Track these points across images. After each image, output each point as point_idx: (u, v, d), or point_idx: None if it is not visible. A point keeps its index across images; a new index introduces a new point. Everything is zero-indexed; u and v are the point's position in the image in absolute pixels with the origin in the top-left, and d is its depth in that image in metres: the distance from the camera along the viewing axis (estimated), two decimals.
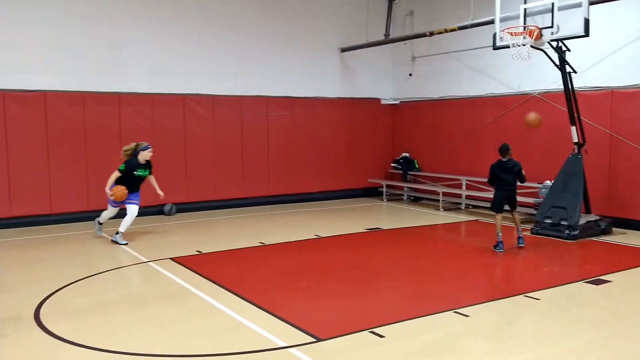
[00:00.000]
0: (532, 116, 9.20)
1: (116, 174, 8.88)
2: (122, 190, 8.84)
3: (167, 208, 11.90)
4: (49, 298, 6.15)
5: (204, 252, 8.43)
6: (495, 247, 8.42)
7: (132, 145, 9.18)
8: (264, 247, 8.84)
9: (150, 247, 8.77)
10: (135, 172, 9.01)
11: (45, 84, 10.71)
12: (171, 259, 7.91)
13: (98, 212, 10.80)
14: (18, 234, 9.95)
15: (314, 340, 4.88)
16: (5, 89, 10.34)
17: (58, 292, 6.39)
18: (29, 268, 7.58)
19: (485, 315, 5.61)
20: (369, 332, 5.04)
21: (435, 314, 5.56)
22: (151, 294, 6.39)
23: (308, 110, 13.79)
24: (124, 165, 8.94)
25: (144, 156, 9.13)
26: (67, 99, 10.91)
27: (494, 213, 8.51)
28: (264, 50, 13.15)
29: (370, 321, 5.33)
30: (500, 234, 8.40)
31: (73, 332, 5.09)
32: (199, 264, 7.59)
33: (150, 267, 7.55)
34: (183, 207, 12.18)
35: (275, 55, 13.30)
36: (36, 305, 5.86)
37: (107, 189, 8.85)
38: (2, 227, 10.25)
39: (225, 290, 6.38)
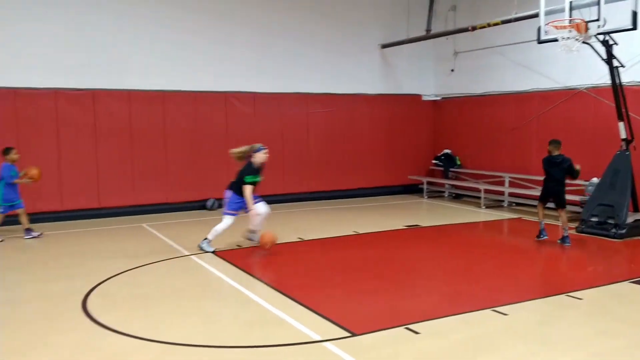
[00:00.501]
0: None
1: (249, 188, 7.99)
2: (270, 237, 7.97)
3: (209, 203, 12.15)
4: (96, 288, 6.40)
5: (244, 246, 8.58)
6: (537, 236, 8.64)
7: (245, 148, 8.34)
8: (302, 242, 8.93)
9: (193, 241, 8.97)
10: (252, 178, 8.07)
11: (95, 83, 11.12)
12: (212, 252, 8.10)
13: (144, 207, 11.23)
14: (68, 226, 10.36)
15: (349, 335, 4.92)
16: (58, 88, 10.79)
17: (105, 282, 6.64)
18: (77, 259, 7.90)
19: (524, 314, 5.53)
20: (405, 328, 5.05)
21: (473, 312, 5.51)
22: (193, 286, 6.57)
23: (348, 106, 13.81)
24: (249, 176, 8.04)
25: (259, 158, 8.22)
26: (114, 97, 11.29)
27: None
28: (305, 47, 13.25)
29: (406, 317, 5.33)
30: (542, 222, 8.61)
31: (118, 321, 5.29)
32: (239, 258, 7.75)
33: (192, 260, 7.75)
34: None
35: (315, 52, 13.38)
36: (84, 295, 6.12)
37: (250, 206, 8.00)
38: (53, 220, 10.70)
39: (264, 284, 6.50)
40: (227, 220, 8.18)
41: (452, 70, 14.32)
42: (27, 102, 10.55)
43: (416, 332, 4.96)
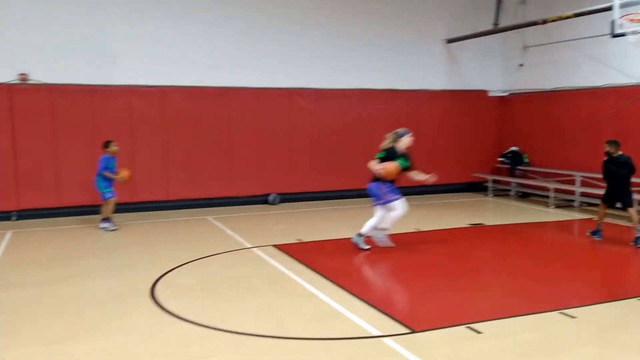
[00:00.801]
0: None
1: (375, 162, 7.66)
2: (393, 165, 7.59)
3: (271, 198, 12.35)
4: (164, 277, 6.65)
5: (304, 240, 8.67)
6: (593, 234, 8.53)
7: (389, 135, 8.00)
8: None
9: (255, 234, 9.17)
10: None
11: (164, 80, 11.55)
12: (273, 246, 8.23)
13: (209, 200, 11.51)
14: (139, 217, 10.81)
15: (409, 331, 4.89)
16: (131, 85, 11.27)
17: (171, 271, 6.90)
18: (146, 248, 8.25)
19: (593, 317, 5.30)
20: (466, 327, 4.95)
21: (539, 313, 5.33)
22: (254, 278, 6.70)
23: (412, 102, 13.62)
24: (384, 152, 7.78)
25: (404, 143, 7.86)
26: (182, 93, 11.67)
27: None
28: (369, 43, 13.18)
29: (467, 316, 5.23)
30: (601, 223, 8.48)
31: (184, 309, 5.48)
32: (299, 252, 7.84)
33: (254, 253, 7.91)
34: (286, 198, 12.57)
35: (379, 48, 13.29)
36: (152, 283, 6.38)
37: (374, 165, 7.61)
38: (126, 211, 11.19)
39: (324, 279, 6.55)
40: (386, 211, 7.79)
41: (521, 65, 13.84)
42: (104, 98, 11.08)
43: (478, 332, 4.86)
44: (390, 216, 7.81)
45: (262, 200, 12.37)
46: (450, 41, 13.89)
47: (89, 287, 6.32)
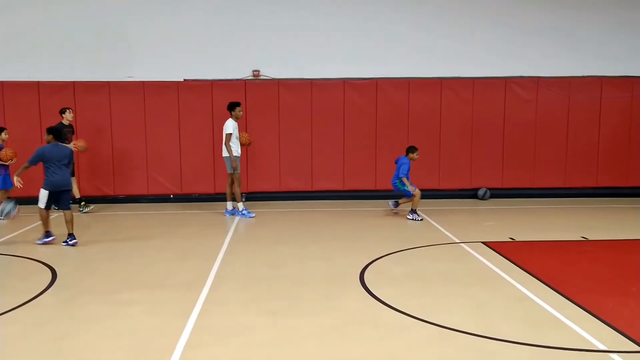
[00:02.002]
0: None
1: None
2: None
3: (481, 192, 11.89)
4: (372, 264, 6.85)
5: (517, 239, 8.18)
6: None
7: None
8: (586, 242, 8.09)
9: (463, 229, 8.92)
10: None
11: (375, 72, 11.83)
12: (483, 242, 7.92)
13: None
14: (349, 205, 11.27)
15: None
16: (346, 78, 11.78)
17: (379, 259, 7.07)
18: (358, 235, 8.56)
19: None
20: None
21: None
22: (462, 273, 6.52)
23: None
24: None
25: None
26: (393, 85, 11.82)
27: None
28: (599, 25, 11.85)
29: None
30: None
31: (392, 297, 5.57)
32: (511, 251, 7.41)
33: (461, 248, 7.70)
34: (497, 193, 12.00)
35: (611, 31, 11.88)
36: (361, 269, 6.61)
37: None
38: (337, 199, 11.80)
39: (539, 281, 6.09)
40: None
41: None
42: (321, 91, 11.79)
43: None
44: None
45: (471, 194, 11.99)
46: None
47: (305, 268, 6.78)
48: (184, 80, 11.57)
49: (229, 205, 10.24)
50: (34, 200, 8.05)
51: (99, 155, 11.40)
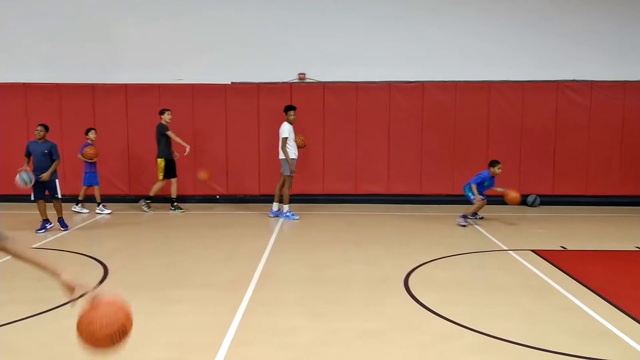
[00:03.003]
0: None
1: None
2: None
3: (530, 199, 11.58)
4: (416, 269, 6.76)
5: (569, 248, 7.92)
6: None
7: None
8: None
9: (512, 236, 8.72)
10: None
11: (421, 75, 11.71)
12: (532, 250, 7.71)
13: (462, 196, 11.31)
14: (394, 209, 11.21)
15: None
16: (392, 81, 11.71)
17: (424, 265, 6.97)
18: (403, 240, 8.48)
19: None
20: None
21: None
22: (510, 281, 6.36)
23: None
24: None
25: None
26: (440, 88, 11.68)
27: None
28: None
29: None
30: None
31: (437, 304, 5.48)
32: (562, 260, 7.18)
33: (509, 256, 7.51)
34: (548, 200, 11.67)
35: None
36: (405, 274, 6.54)
37: None
38: (381, 202, 11.73)
39: (591, 292, 5.88)
40: None
41: None
42: (367, 94, 11.74)
43: None
44: None
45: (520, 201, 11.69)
46: None
47: (348, 272, 6.76)
48: (231, 83, 11.76)
49: (275, 206, 10.32)
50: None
51: (148, 156, 11.69)
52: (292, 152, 9.98)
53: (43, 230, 8.77)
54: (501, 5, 11.65)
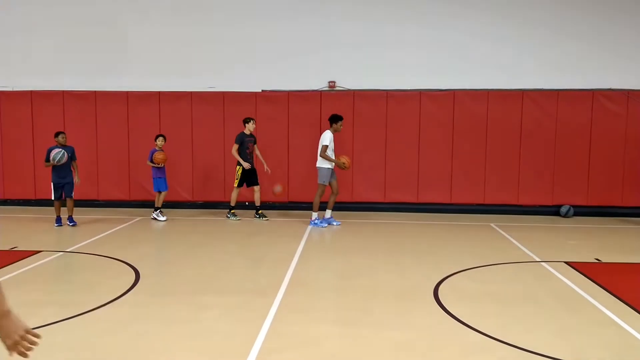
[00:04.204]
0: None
1: None
2: None
3: (564, 209, 11.35)
4: (446, 279, 6.69)
5: (603, 260, 7.73)
6: None
7: None
8: None
9: (544, 247, 8.55)
10: None
11: (453, 84, 11.64)
12: (566, 262, 7.54)
13: (492, 206, 11.21)
14: (424, 218, 11.12)
15: None
16: (422, 89, 11.66)
17: (454, 275, 6.89)
18: (432, 250, 8.40)
19: None
20: None
21: None
22: (543, 294, 6.23)
23: None
24: None
25: None
26: (471, 96, 11.57)
27: None
28: None
29: None
30: None
31: (467, 315, 5.40)
32: (597, 273, 7.01)
33: (542, 267, 7.37)
34: (582, 211, 11.42)
35: None
36: (435, 284, 6.47)
37: None
38: (411, 211, 11.65)
39: (627, 306, 5.71)
40: None
41: None
42: (397, 102, 11.70)
43: None
44: None
45: (553, 211, 11.48)
46: None
47: (377, 281, 6.72)
48: (262, 91, 11.86)
49: (323, 214, 10.34)
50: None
51: (179, 162, 11.86)
52: (328, 162, 9.96)
53: (60, 224, 9.92)
54: (536, 14, 11.49)
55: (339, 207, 11.74)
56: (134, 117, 11.95)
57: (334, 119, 10.07)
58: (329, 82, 11.80)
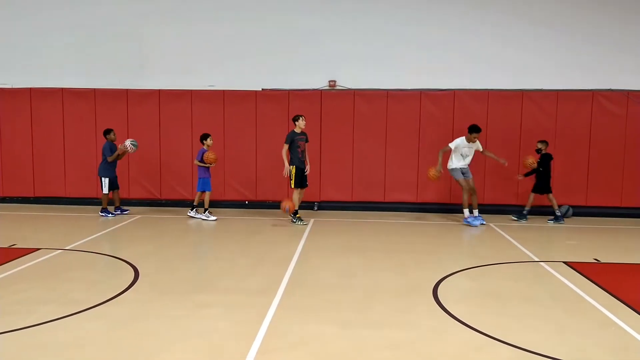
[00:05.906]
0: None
1: None
2: None
3: (563, 209, 11.35)
4: (445, 279, 6.69)
5: (602, 261, 7.74)
6: None
7: None
8: None
9: (543, 247, 8.57)
10: None
11: (454, 83, 11.65)
12: (564, 262, 7.55)
13: (492, 206, 11.19)
14: (421, 217, 11.10)
15: None
16: (423, 89, 11.65)
17: (453, 275, 6.89)
18: (432, 249, 8.40)
19: None
20: None
21: None
22: (541, 294, 6.24)
23: None
24: None
25: None
26: (472, 96, 11.56)
27: None
28: None
29: None
30: None
31: (466, 314, 5.41)
32: (596, 273, 7.02)
33: (541, 267, 7.38)
34: (581, 211, 11.43)
35: None
36: (434, 283, 6.47)
37: None
38: (410, 211, 11.63)
39: (626, 307, 5.72)
40: None
41: None
42: (397, 102, 11.70)
43: None
44: None
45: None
46: None
47: (376, 280, 6.72)
48: (262, 89, 11.86)
49: (465, 212, 10.46)
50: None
51: (179, 160, 11.85)
52: (457, 163, 10.44)
53: (108, 215, 10.66)
54: (536, 13, 11.50)
55: (339, 206, 11.77)
56: (134, 115, 11.94)
57: (473, 130, 10.27)
58: (330, 81, 11.79)
